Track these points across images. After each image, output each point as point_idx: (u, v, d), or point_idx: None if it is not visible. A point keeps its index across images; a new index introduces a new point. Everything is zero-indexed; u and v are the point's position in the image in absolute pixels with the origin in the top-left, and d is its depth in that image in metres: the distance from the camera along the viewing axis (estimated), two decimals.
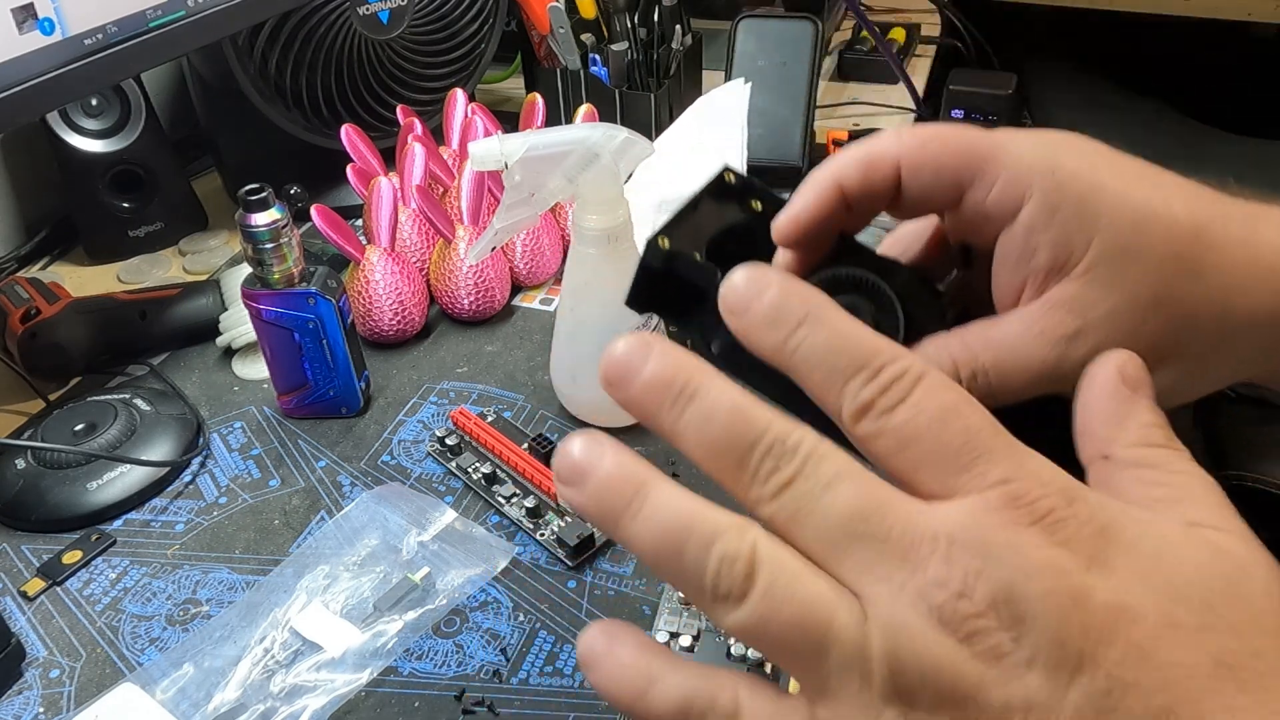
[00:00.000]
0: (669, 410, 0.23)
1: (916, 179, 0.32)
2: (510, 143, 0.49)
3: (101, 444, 0.59)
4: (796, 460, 0.22)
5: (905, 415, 0.22)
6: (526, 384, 0.66)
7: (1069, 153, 0.31)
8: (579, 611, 0.51)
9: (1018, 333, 0.31)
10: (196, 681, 0.47)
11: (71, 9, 0.57)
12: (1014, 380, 0.31)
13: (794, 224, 0.32)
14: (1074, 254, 0.30)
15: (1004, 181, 0.30)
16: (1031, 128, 0.32)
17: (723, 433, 0.22)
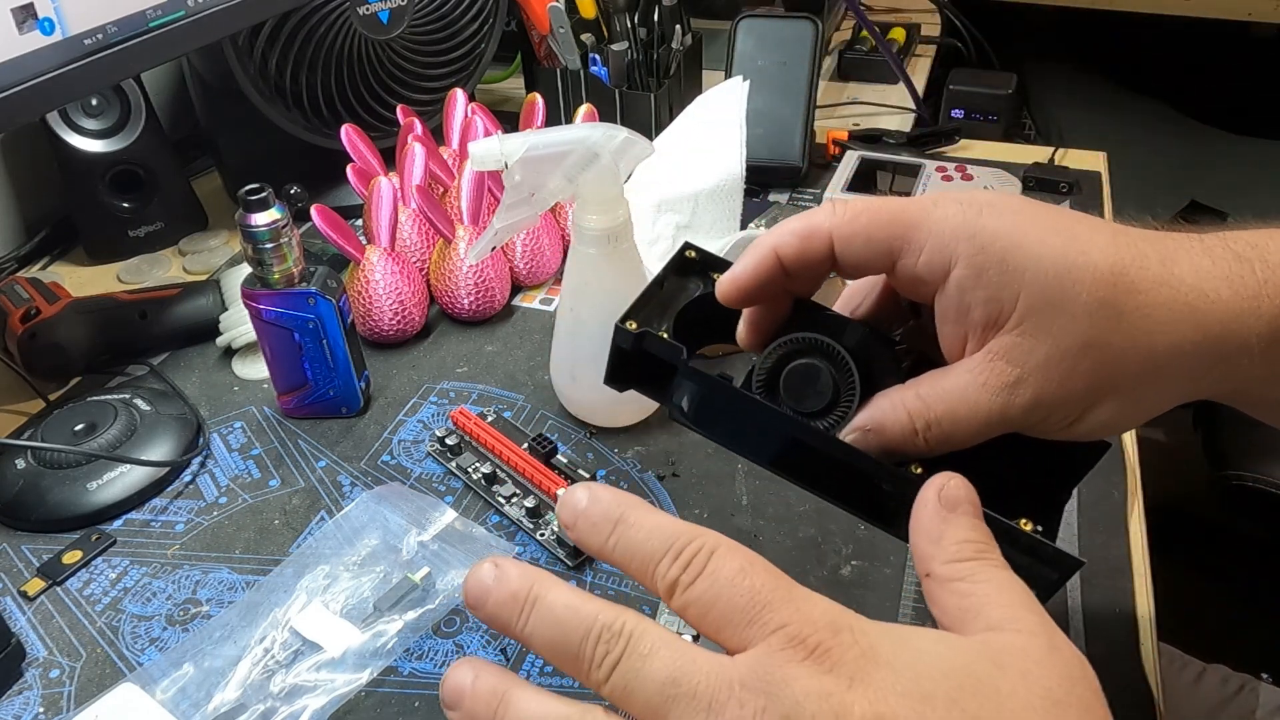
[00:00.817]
0: (518, 620, 0.27)
1: (849, 249, 0.35)
2: (510, 143, 0.49)
3: (101, 444, 0.59)
4: (621, 641, 0.26)
5: (703, 586, 0.26)
6: (526, 384, 0.66)
7: (989, 215, 0.33)
8: None
9: (964, 384, 0.34)
10: (196, 681, 0.47)
11: (71, 9, 0.57)
12: (965, 427, 0.34)
13: (732, 286, 0.36)
14: (1004, 308, 0.33)
15: (930, 249, 0.34)
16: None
17: (560, 630, 0.27)
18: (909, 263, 0.34)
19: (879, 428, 0.35)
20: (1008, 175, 0.82)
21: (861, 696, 0.25)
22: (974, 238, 0.33)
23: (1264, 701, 0.73)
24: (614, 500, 0.29)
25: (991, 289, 0.33)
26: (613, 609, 0.27)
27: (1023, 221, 0.33)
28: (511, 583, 0.28)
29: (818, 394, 0.36)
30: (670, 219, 0.73)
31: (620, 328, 0.38)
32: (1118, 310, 0.32)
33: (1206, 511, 1.17)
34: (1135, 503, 0.55)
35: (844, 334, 0.37)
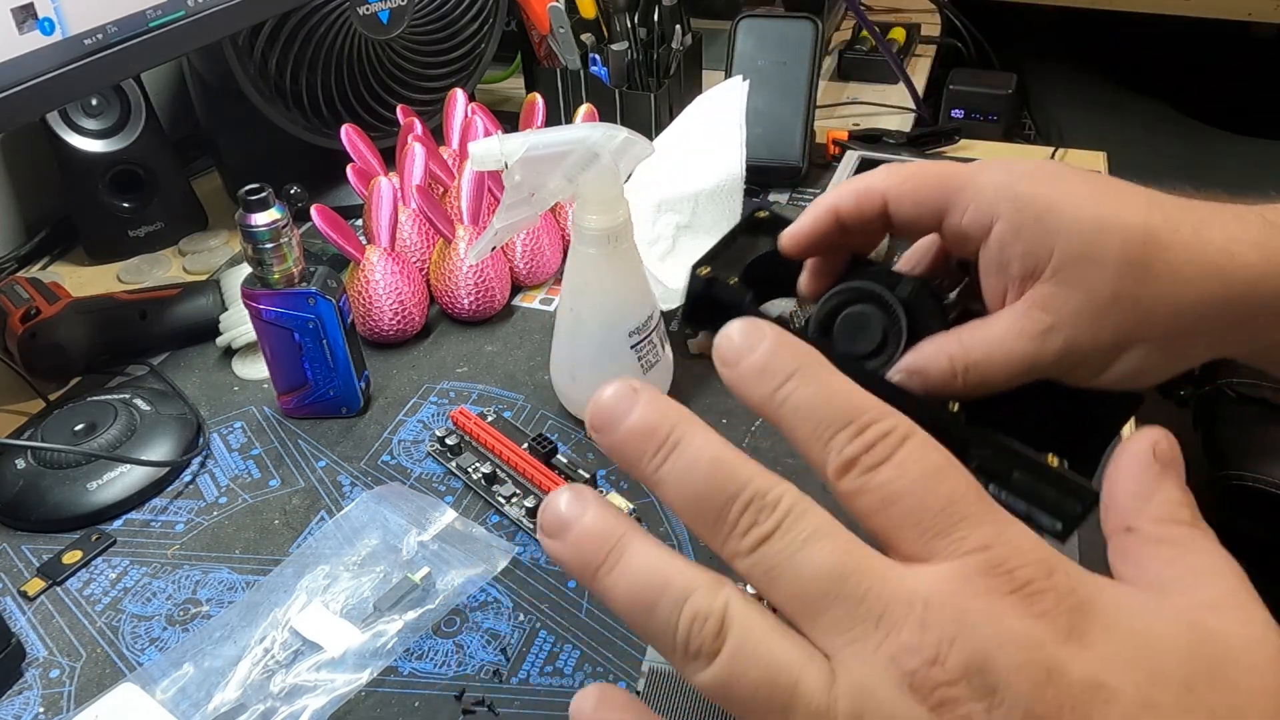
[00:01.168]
0: (651, 459, 0.23)
1: (901, 208, 0.38)
2: (510, 143, 0.49)
3: (101, 444, 0.59)
4: (775, 515, 0.22)
5: (888, 474, 0.22)
6: (526, 384, 0.66)
7: (1028, 178, 0.36)
8: (579, 611, 0.50)
9: (1002, 330, 0.36)
10: (196, 681, 0.47)
11: (71, 9, 0.57)
12: (1001, 370, 0.36)
13: (793, 239, 0.40)
14: (1040, 262, 0.35)
15: (974, 208, 0.37)
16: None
17: (703, 484, 0.23)
18: (955, 220, 0.37)
19: (922, 369, 0.37)
20: None
21: (1079, 656, 0.20)
22: (1015, 199, 0.36)
23: None
24: (794, 351, 0.24)
25: (1029, 243, 0.35)
26: (772, 476, 0.23)
27: (1061, 185, 0.36)
28: (651, 414, 0.23)
29: (868, 338, 0.39)
30: (670, 219, 0.73)
31: (694, 273, 0.41)
32: (1147, 265, 0.34)
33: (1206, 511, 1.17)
34: None
35: (896, 286, 0.39)
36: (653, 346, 0.58)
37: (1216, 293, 0.34)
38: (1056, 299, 0.35)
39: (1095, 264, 0.34)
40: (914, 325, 0.39)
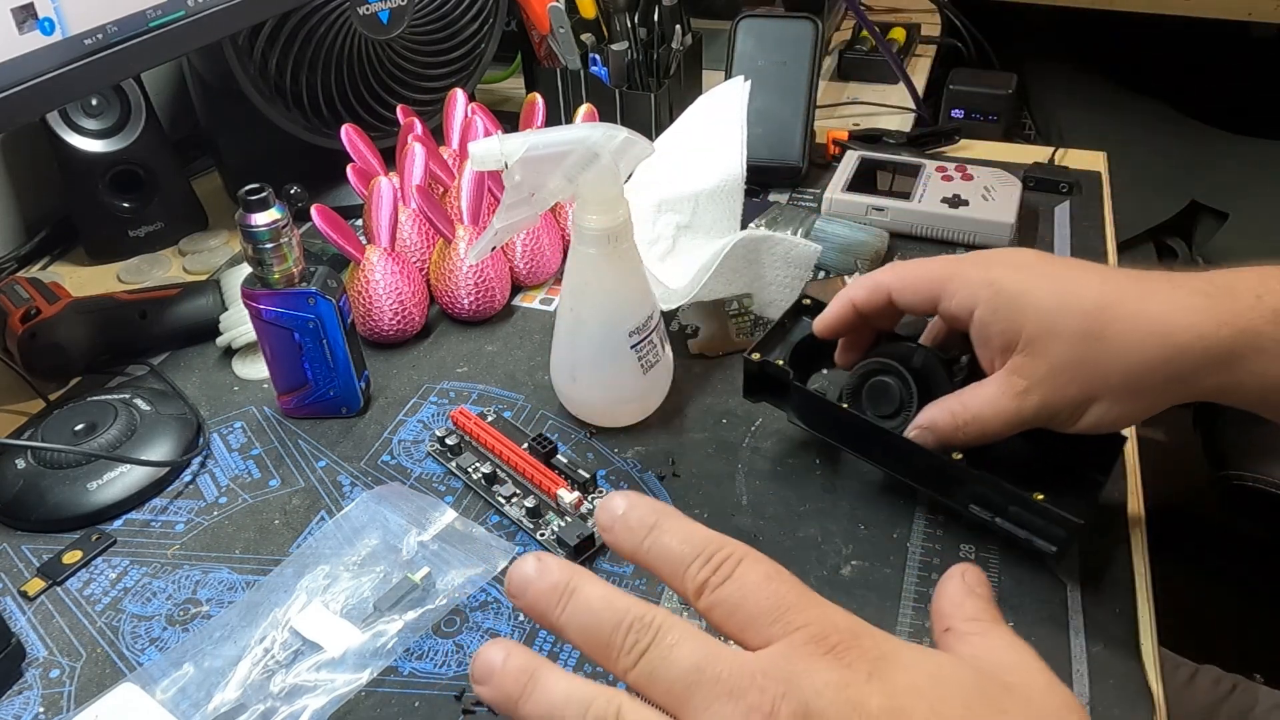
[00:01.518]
0: (555, 608, 0.30)
1: (903, 299, 0.49)
2: (510, 143, 0.49)
3: (101, 444, 0.59)
4: (650, 633, 0.28)
5: (730, 588, 0.29)
6: (526, 384, 0.66)
7: (1001, 269, 0.46)
8: None
9: (990, 392, 0.46)
10: (196, 681, 0.47)
11: (71, 9, 0.57)
12: (993, 424, 0.46)
13: (824, 323, 0.53)
14: (1014, 338, 0.45)
15: (960, 297, 0.46)
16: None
17: (594, 619, 0.29)
18: (946, 306, 0.47)
19: (931, 426, 0.48)
20: (1008, 175, 0.82)
21: (879, 690, 0.27)
22: (991, 286, 0.45)
23: (1262, 700, 0.73)
24: (651, 507, 0.31)
25: (1004, 323, 0.45)
26: (645, 605, 0.29)
27: (1028, 273, 0.45)
28: (552, 575, 0.30)
29: (889, 402, 0.51)
30: (670, 219, 0.73)
31: (747, 359, 0.55)
32: (1099, 336, 0.43)
33: (1206, 511, 1.17)
34: (1135, 503, 0.55)
35: (912, 357, 0.51)
36: (653, 346, 0.58)
37: (1157, 354, 0.42)
38: (1028, 367, 0.45)
39: (1056, 337, 0.43)
40: (925, 389, 0.50)
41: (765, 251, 0.65)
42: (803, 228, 0.76)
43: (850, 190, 0.81)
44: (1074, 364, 0.43)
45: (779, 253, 0.66)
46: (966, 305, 0.46)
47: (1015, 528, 0.49)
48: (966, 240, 0.78)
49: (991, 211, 0.78)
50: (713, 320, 0.67)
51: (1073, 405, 0.44)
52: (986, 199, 0.79)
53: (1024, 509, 0.48)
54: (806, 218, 0.78)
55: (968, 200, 0.78)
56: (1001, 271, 0.45)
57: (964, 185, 0.81)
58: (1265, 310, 0.41)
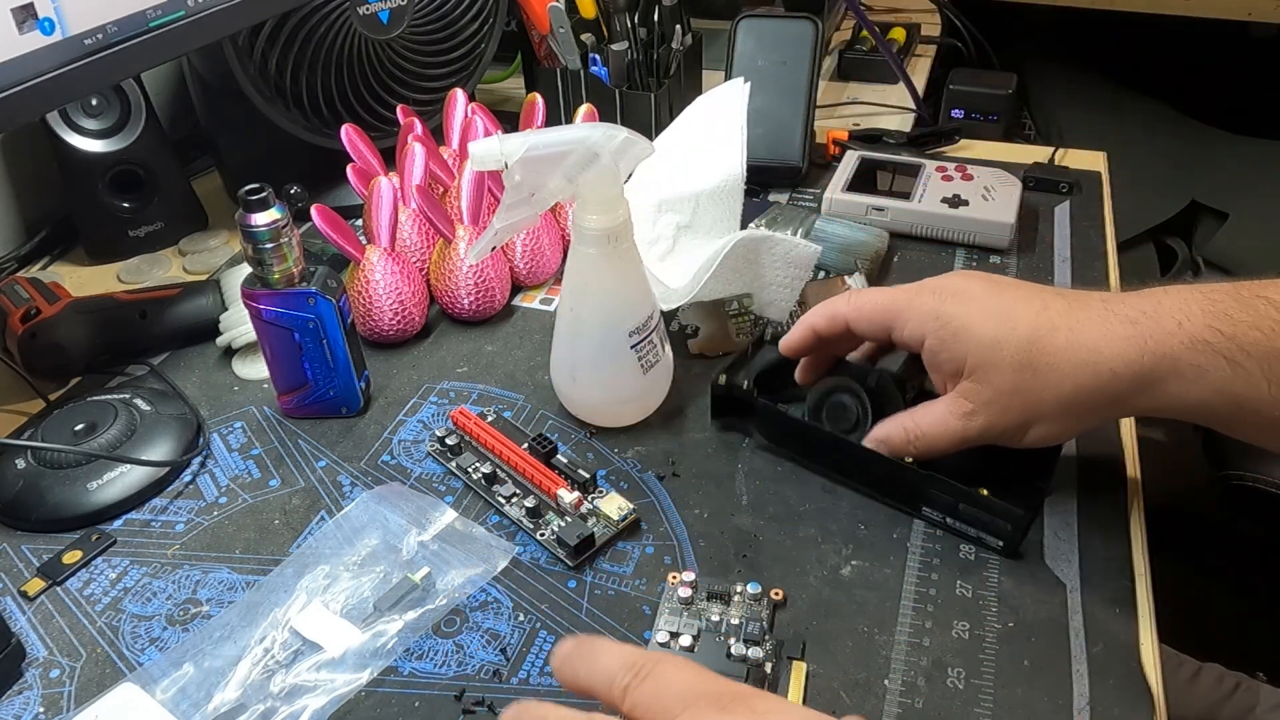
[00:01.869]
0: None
1: (859, 327, 0.54)
2: (510, 143, 0.49)
3: (101, 444, 0.59)
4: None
5: (649, 686, 0.33)
6: (526, 384, 0.66)
7: (951, 303, 0.50)
8: (579, 611, 0.51)
9: (939, 412, 0.51)
10: (196, 681, 0.47)
11: (71, 9, 0.57)
12: (941, 440, 0.51)
13: (787, 344, 0.57)
14: (959, 365, 0.50)
15: (910, 328, 0.51)
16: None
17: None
18: (899, 335, 0.52)
19: (886, 439, 0.53)
20: (1008, 175, 0.82)
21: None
22: (937, 318, 0.50)
23: (1264, 699, 0.73)
24: (587, 642, 0.36)
25: (950, 352, 0.50)
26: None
27: (972, 306, 0.49)
28: (522, 714, 0.35)
29: (846, 418, 0.56)
30: (670, 219, 0.73)
31: (714, 381, 0.60)
32: (1033, 366, 0.47)
33: (1206, 511, 1.17)
34: (1135, 503, 0.55)
35: (867, 378, 0.56)
36: (653, 346, 0.58)
37: (1087, 381, 0.47)
38: (973, 392, 0.49)
39: (996, 368, 0.48)
40: (879, 407, 0.55)
41: (765, 251, 0.65)
42: (803, 228, 0.76)
43: (850, 190, 0.81)
44: (1013, 391, 0.48)
45: (779, 253, 0.66)
46: (917, 335, 0.51)
47: (966, 526, 0.53)
48: (966, 240, 0.78)
49: (991, 211, 0.78)
50: (713, 320, 0.67)
51: (1014, 427, 0.49)
52: (986, 199, 0.79)
53: (971, 505, 0.52)
54: (806, 218, 0.78)
55: (968, 200, 0.78)
56: (948, 304, 0.50)
57: (964, 185, 0.81)
58: (1184, 337, 0.45)
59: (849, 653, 0.47)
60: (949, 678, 0.46)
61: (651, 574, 0.52)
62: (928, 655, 0.47)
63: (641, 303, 0.57)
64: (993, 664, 0.47)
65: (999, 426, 0.49)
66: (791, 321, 0.69)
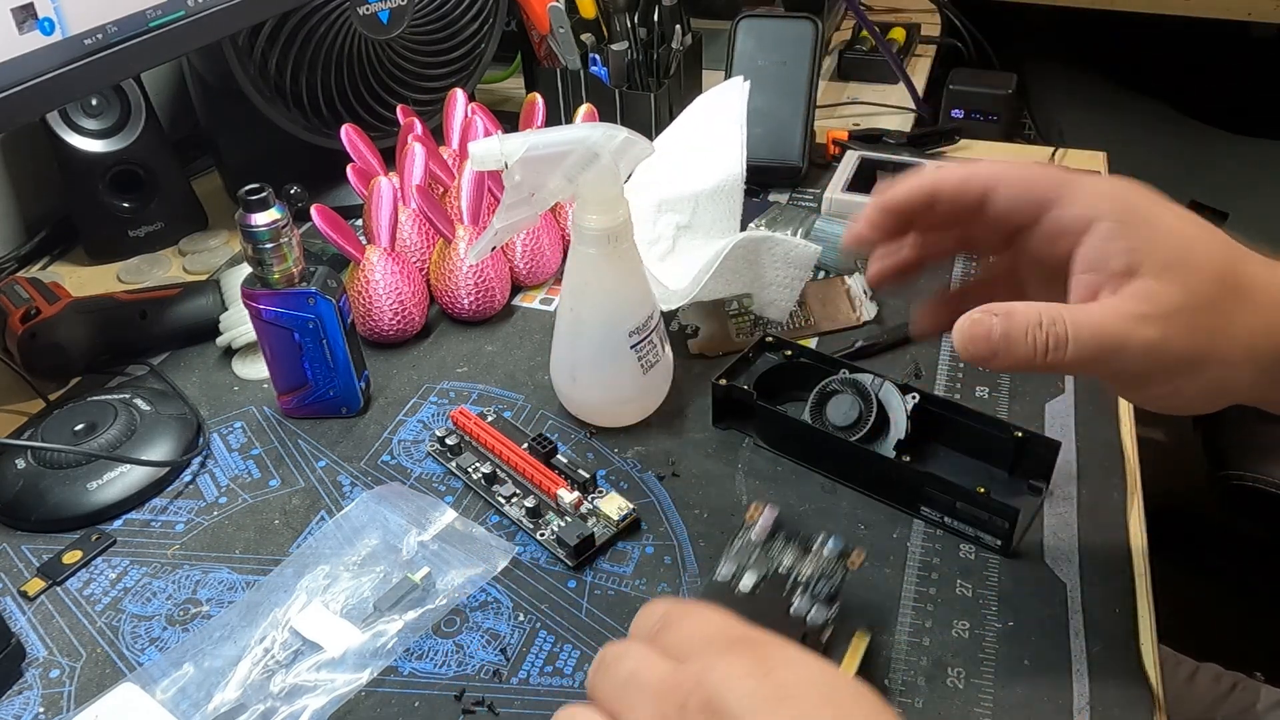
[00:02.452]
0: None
1: (1007, 194, 0.41)
2: (510, 143, 0.49)
3: (101, 444, 0.59)
4: (613, 656, 0.32)
5: (673, 631, 0.32)
6: (526, 384, 0.66)
7: (1130, 189, 0.39)
8: (579, 611, 0.50)
9: (1099, 310, 0.38)
10: (196, 681, 0.47)
11: (71, 9, 0.57)
12: (1083, 338, 0.37)
13: (878, 206, 0.43)
14: (1141, 259, 0.37)
15: (1080, 205, 0.39)
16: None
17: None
18: (1059, 213, 0.40)
19: (1009, 311, 0.38)
20: None
21: (776, 679, 0.29)
22: (1121, 200, 0.39)
23: (1262, 698, 0.73)
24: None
25: (1132, 240, 0.38)
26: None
27: (1159, 202, 0.39)
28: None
29: (845, 416, 0.55)
30: (670, 219, 0.73)
31: (715, 383, 0.59)
32: (1235, 282, 0.37)
33: (1206, 511, 1.17)
34: (1135, 503, 0.55)
35: (869, 381, 0.56)
36: (653, 346, 0.58)
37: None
38: (1158, 294, 0.37)
39: (1194, 270, 0.37)
40: (880, 409, 0.54)
41: (765, 252, 0.65)
42: (803, 228, 0.76)
43: (850, 190, 0.81)
44: (1211, 305, 0.37)
45: (779, 253, 0.66)
46: (1085, 215, 0.39)
47: (964, 525, 0.52)
48: None
49: None
50: (713, 320, 0.67)
51: (1189, 356, 0.37)
52: None
53: (969, 503, 0.51)
54: (806, 218, 0.78)
55: None
56: (1131, 192, 0.39)
57: None
58: None
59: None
60: (949, 678, 0.46)
61: (651, 574, 0.52)
62: (928, 655, 0.47)
63: (641, 303, 0.57)
64: (993, 664, 0.47)
65: (1174, 349, 0.37)
66: (792, 321, 0.69)
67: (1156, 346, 0.37)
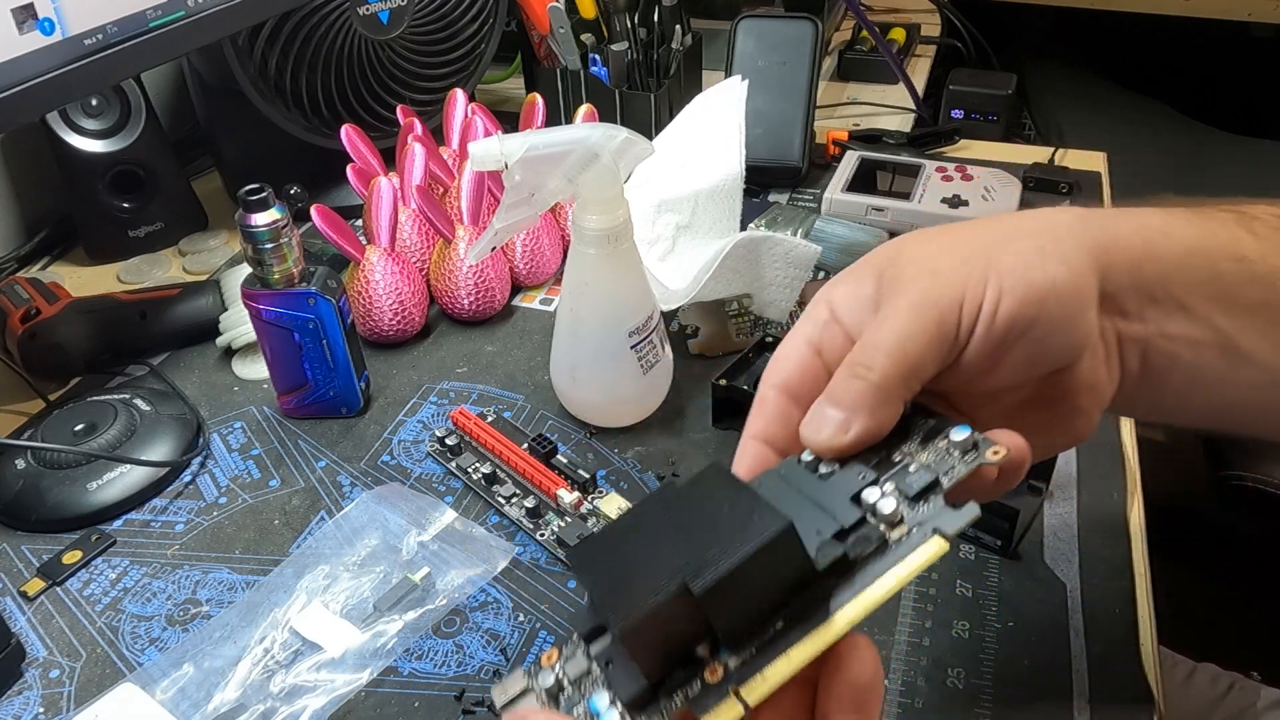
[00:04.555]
0: None
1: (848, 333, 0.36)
2: (510, 143, 0.49)
3: (101, 444, 0.59)
4: None
5: None
6: (526, 384, 0.66)
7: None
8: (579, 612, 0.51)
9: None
10: (196, 681, 0.47)
11: (71, 9, 0.57)
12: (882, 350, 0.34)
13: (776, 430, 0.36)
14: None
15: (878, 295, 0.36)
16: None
17: None
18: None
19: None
20: (1008, 175, 0.82)
21: None
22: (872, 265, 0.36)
23: (1260, 698, 0.73)
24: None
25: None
26: None
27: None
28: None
29: None
30: (670, 219, 0.73)
31: (715, 383, 0.59)
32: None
33: (1206, 511, 1.17)
34: (1135, 503, 0.55)
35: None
36: (653, 346, 0.58)
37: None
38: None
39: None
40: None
41: (765, 252, 0.65)
42: (803, 228, 0.76)
43: (850, 190, 0.81)
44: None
45: (779, 253, 0.66)
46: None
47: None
48: None
49: (991, 211, 0.77)
50: (713, 320, 0.67)
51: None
52: (986, 199, 0.79)
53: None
54: (806, 218, 0.78)
55: (968, 200, 0.78)
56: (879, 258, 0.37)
57: (964, 185, 0.81)
58: None
59: None
60: (949, 678, 0.46)
61: None
62: (928, 655, 0.47)
63: (641, 303, 0.57)
64: (993, 664, 0.47)
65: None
66: (792, 322, 0.69)
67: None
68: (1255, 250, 0.34)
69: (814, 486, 0.32)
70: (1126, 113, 1.48)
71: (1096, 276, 0.34)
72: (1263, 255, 0.34)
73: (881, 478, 0.31)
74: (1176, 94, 1.51)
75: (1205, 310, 0.34)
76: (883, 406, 0.32)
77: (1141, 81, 1.52)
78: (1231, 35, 1.36)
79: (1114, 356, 0.35)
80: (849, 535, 0.29)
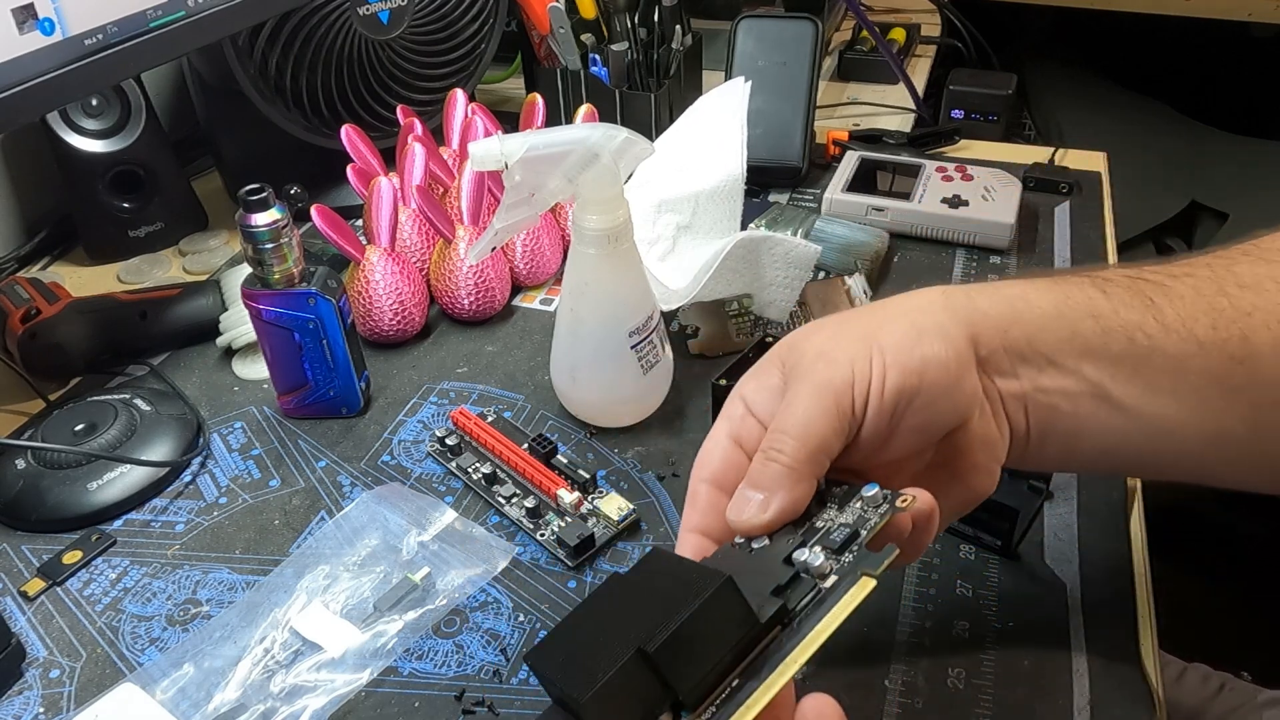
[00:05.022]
0: None
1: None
2: (510, 143, 0.49)
3: (101, 444, 0.59)
4: None
5: None
6: (526, 384, 0.66)
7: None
8: None
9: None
10: (196, 681, 0.47)
11: (71, 9, 0.57)
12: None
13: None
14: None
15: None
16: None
17: None
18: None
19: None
20: (1008, 176, 0.82)
21: None
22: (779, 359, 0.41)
23: (1252, 699, 0.73)
24: None
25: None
26: None
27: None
28: None
29: None
30: (670, 219, 0.73)
31: (715, 383, 0.58)
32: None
33: (1206, 512, 1.17)
34: (1135, 503, 0.55)
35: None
36: (653, 347, 0.58)
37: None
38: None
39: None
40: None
41: (765, 252, 0.65)
42: (803, 228, 0.76)
43: (850, 190, 0.81)
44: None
45: (779, 253, 0.66)
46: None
47: (963, 525, 0.52)
48: (967, 240, 0.78)
49: (991, 212, 0.78)
50: (713, 320, 0.67)
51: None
52: (986, 199, 0.79)
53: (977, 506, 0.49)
54: (806, 218, 0.78)
55: (968, 200, 0.78)
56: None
57: (964, 185, 0.81)
58: None
59: (849, 652, 0.47)
60: (949, 678, 0.46)
61: None
62: (928, 655, 0.47)
63: (641, 303, 0.57)
64: (993, 664, 0.47)
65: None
66: (791, 322, 0.69)
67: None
68: (1108, 308, 0.38)
69: (749, 561, 0.36)
70: (1126, 113, 1.48)
71: (969, 343, 0.38)
72: (1115, 310, 0.38)
73: (809, 541, 0.35)
74: (1176, 94, 1.51)
75: (1073, 363, 0.38)
76: (796, 484, 0.36)
77: (1141, 81, 1.52)
78: (1231, 35, 1.35)
79: (1000, 413, 0.39)
80: (785, 590, 0.33)
